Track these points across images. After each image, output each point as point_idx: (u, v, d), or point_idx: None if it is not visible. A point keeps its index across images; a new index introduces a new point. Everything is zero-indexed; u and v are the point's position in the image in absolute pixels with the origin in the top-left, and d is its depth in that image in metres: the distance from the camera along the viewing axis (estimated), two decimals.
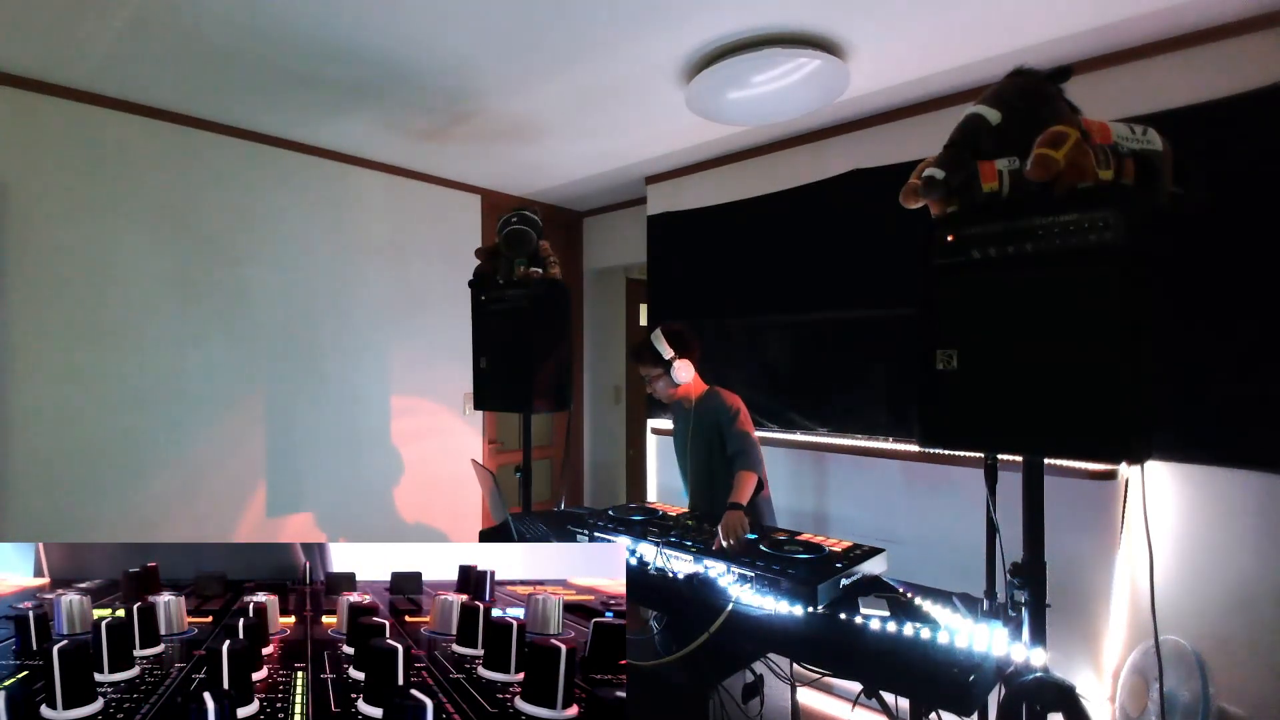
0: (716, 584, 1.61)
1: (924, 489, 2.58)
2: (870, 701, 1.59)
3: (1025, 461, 1.38)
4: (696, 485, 2.47)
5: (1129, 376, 1.17)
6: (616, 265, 4.44)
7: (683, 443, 2.51)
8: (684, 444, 2.50)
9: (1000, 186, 1.29)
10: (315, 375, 3.12)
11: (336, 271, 3.20)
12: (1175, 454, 2.06)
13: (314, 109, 2.65)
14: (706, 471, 2.38)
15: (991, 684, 1.32)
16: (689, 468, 2.49)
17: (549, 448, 4.31)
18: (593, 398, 4.57)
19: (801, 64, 2.15)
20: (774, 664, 1.86)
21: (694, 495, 2.49)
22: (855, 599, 1.52)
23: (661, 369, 2.36)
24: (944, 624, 1.41)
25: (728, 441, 2.27)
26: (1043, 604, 1.36)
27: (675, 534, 1.88)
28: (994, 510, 1.49)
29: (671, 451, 3.72)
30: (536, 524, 2.24)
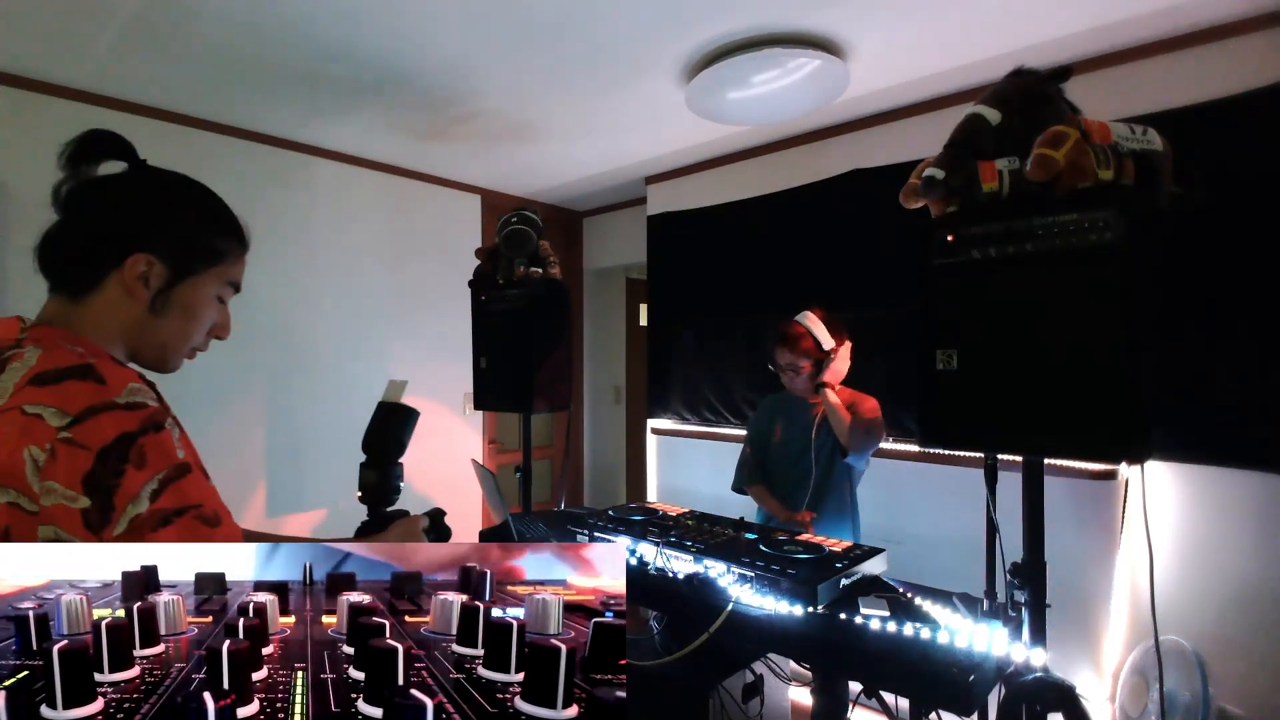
0: (716, 584, 1.61)
1: (924, 489, 2.58)
2: (870, 701, 1.59)
3: (1025, 461, 1.38)
4: (794, 486, 2.23)
5: (1129, 376, 1.17)
6: (616, 265, 4.44)
7: (796, 440, 2.22)
8: (797, 441, 2.21)
9: (1000, 186, 1.29)
10: (315, 375, 3.12)
11: (336, 271, 3.20)
12: (1175, 454, 2.06)
13: (314, 109, 2.65)
14: (811, 475, 2.17)
15: (991, 684, 1.32)
16: (792, 467, 2.24)
17: (549, 448, 4.31)
18: (593, 398, 4.57)
19: (801, 64, 2.15)
20: (774, 664, 1.86)
21: (787, 495, 2.24)
22: (855, 599, 1.52)
23: (814, 359, 2.13)
24: (944, 624, 1.41)
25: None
26: (1043, 604, 1.36)
27: (675, 534, 1.88)
28: (994, 510, 1.49)
29: (672, 452, 3.75)
30: (536, 524, 2.24)
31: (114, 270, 0.80)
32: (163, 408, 0.74)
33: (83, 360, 0.71)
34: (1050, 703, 1.31)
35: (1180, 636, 1.98)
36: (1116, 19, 1.99)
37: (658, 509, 2.22)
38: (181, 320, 0.86)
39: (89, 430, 0.67)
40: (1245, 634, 1.95)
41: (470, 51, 2.19)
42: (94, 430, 0.67)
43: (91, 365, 0.71)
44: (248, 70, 2.30)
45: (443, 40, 2.11)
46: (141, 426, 0.69)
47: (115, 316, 0.81)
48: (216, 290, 0.89)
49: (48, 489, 0.65)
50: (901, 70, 2.36)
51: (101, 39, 2.08)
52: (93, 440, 0.66)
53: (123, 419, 0.68)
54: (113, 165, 0.86)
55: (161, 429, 0.71)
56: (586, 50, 2.18)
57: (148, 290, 0.81)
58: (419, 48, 2.15)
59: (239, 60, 2.23)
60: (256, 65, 2.27)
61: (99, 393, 0.69)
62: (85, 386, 0.69)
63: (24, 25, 2.01)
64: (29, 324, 0.80)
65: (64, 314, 0.81)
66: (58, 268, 0.82)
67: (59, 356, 0.72)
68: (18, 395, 0.69)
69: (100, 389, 0.69)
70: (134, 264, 0.80)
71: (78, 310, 0.81)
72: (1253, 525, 1.95)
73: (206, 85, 2.43)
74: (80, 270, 0.81)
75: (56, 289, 0.83)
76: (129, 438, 0.68)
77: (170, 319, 0.84)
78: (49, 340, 0.75)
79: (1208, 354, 1.99)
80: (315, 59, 2.22)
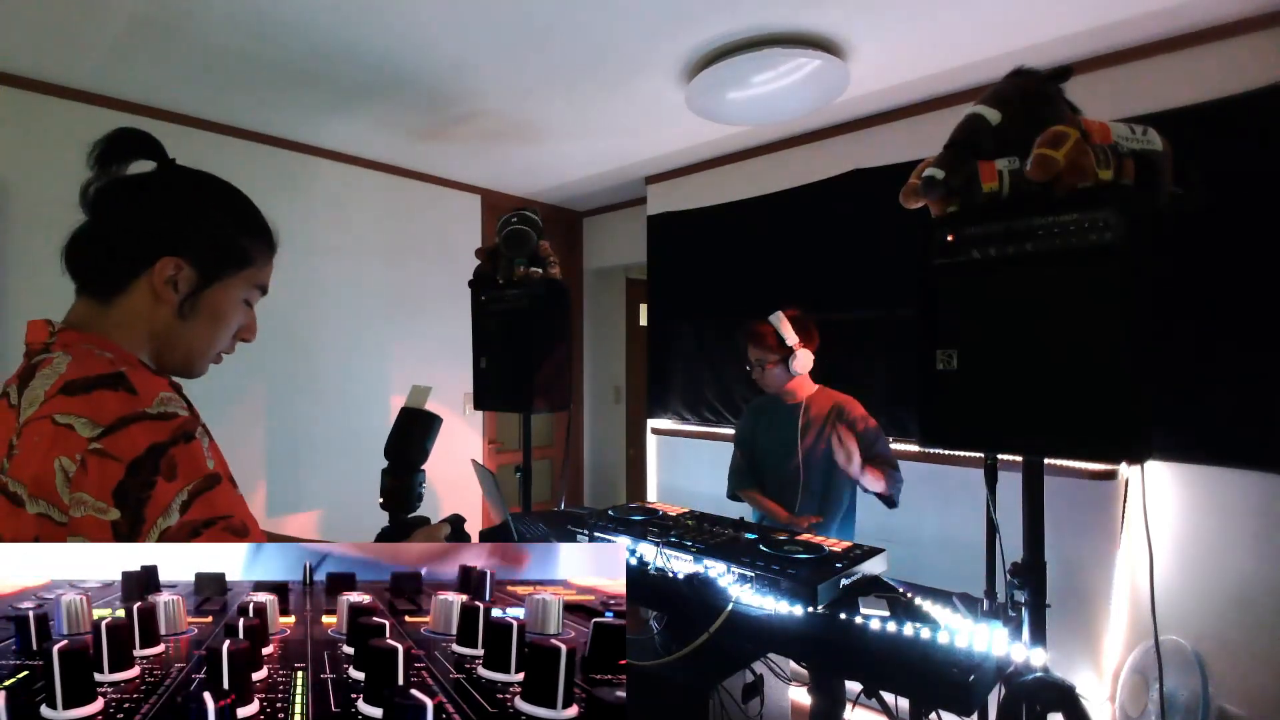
0: (716, 584, 1.61)
1: (924, 489, 2.58)
2: (870, 701, 1.59)
3: (1025, 461, 1.38)
4: (783, 487, 2.28)
5: (1129, 376, 1.17)
6: (616, 265, 4.44)
7: (780, 440, 2.30)
8: (781, 442, 2.29)
9: (1000, 186, 1.29)
10: (315, 375, 3.12)
11: (336, 271, 3.20)
12: (1175, 454, 2.06)
13: (314, 109, 2.65)
14: (800, 475, 2.23)
15: (991, 684, 1.32)
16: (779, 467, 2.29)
17: (549, 448, 4.31)
18: (593, 398, 4.57)
19: (801, 64, 2.15)
20: (774, 664, 1.86)
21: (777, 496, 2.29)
22: (855, 599, 1.52)
23: (779, 356, 2.22)
24: (944, 624, 1.41)
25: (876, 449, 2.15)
26: (1043, 604, 1.36)
27: (675, 534, 1.87)
28: (994, 510, 1.49)
29: (672, 452, 3.75)
30: (536, 524, 2.24)
31: (143, 273, 0.79)
32: (193, 416, 0.73)
33: (114, 368, 0.70)
34: (1050, 703, 1.31)
35: (1180, 636, 1.98)
36: (1116, 19, 1.99)
37: (658, 509, 2.21)
38: (209, 325, 0.85)
39: (120, 441, 0.66)
40: (1245, 634, 1.95)
41: (470, 51, 2.19)
42: (125, 441, 0.66)
43: (123, 374, 0.70)
44: (248, 70, 2.30)
45: (443, 40, 2.11)
46: (172, 437, 0.68)
47: (143, 320, 0.80)
48: (244, 294, 0.88)
49: (78, 500, 0.64)
50: (901, 70, 2.36)
51: (101, 39, 2.08)
52: (124, 452, 0.66)
53: (154, 429, 0.68)
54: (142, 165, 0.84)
55: (192, 439, 0.70)
56: (586, 50, 2.18)
57: (176, 294, 0.80)
58: (419, 48, 2.15)
59: (239, 60, 2.23)
60: (256, 65, 2.27)
61: (130, 403, 0.68)
62: (117, 396, 0.68)
63: (24, 25, 2.01)
64: (57, 328, 0.78)
65: (92, 317, 0.79)
66: (85, 269, 0.80)
67: (89, 364, 0.71)
68: (49, 404, 0.68)
69: (131, 399, 0.68)
70: (163, 267, 0.78)
71: (106, 313, 0.79)
72: (1253, 525, 1.95)
73: (206, 85, 2.43)
74: (108, 272, 0.79)
75: (84, 291, 0.81)
76: (159, 448, 0.67)
77: (198, 324, 0.83)
78: (78, 346, 0.74)
79: (1208, 354, 1.99)
80: (315, 59, 2.22)
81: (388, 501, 1.08)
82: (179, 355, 0.84)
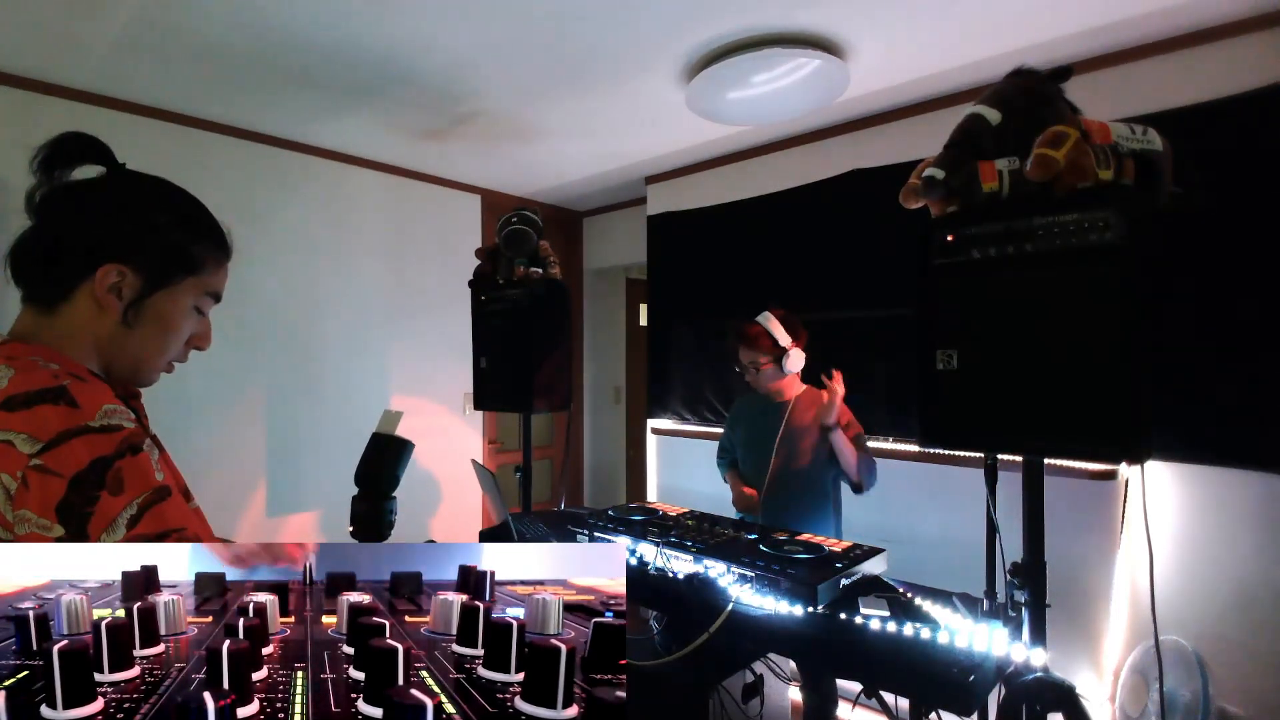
0: (716, 584, 1.61)
1: (924, 489, 2.58)
2: (870, 701, 1.59)
3: (1025, 461, 1.38)
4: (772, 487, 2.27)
5: (1129, 376, 1.17)
6: (616, 265, 4.44)
7: (765, 439, 2.30)
8: (767, 441, 2.29)
9: (1000, 186, 1.29)
10: (315, 375, 3.12)
11: (336, 271, 3.20)
12: (1175, 454, 2.06)
13: (314, 109, 2.65)
14: (787, 474, 2.24)
15: (991, 684, 1.32)
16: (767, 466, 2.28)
17: (549, 448, 4.31)
18: (593, 398, 4.57)
19: (801, 64, 2.16)
20: (774, 664, 1.86)
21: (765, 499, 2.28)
22: (855, 599, 1.52)
23: (772, 356, 2.24)
24: (944, 624, 1.41)
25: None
26: (1043, 604, 1.36)
27: (675, 534, 1.87)
28: (994, 510, 1.49)
29: (672, 452, 3.75)
30: (536, 524, 2.24)
31: (85, 281, 0.76)
32: (140, 429, 0.72)
33: (56, 382, 0.69)
34: (1050, 703, 1.31)
35: (1180, 636, 1.98)
36: (1116, 19, 1.99)
37: (658, 509, 2.21)
38: (157, 333, 0.82)
39: (61, 456, 0.65)
40: (1245, 634, 1.95)
41: (470, 51, 2.19)
42: (66, 456, 0.65)
43: (65, 388, 0.68)
44: (248, 70, 2.30)
45: (443, 40, 2.11)
46: (118, 450, 0.67)
47: (87, 329, 0.78)
48: (194, 301, 0.85)
49: (21, 518, 0.64)
50: (901, 70, 2.36)
51: (101, 39, 2.08)
52: (65, 467, 0.64)
53: (97, 443, 0.66)
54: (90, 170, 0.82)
55: (139, 451, 0.69)
56: (587, 50, 2.18)
57: (120, 302, 0.78)
58: (419, 48, 2.15)
59: (239, 60, 2.23)
60: (256, 65, 2.27)
61: (72, 417, 0.66)
62: (57, 410, 0.66)
63: (24, 25, 2.01)
64: (2, 339, 0.76)
65: (37, 327, 0.77)
66: (29, 278, 0.78)
67: (31, 378, 0.69)
68: None
69: (73, 413, 0.67)
70: (105, 274, 0.76)
71: (50, 322, 0.77)
72: (1253, 525, 1.95)
73: (206, 85, 2.43)
74: (51, 280, 0.77)
75: (29, 300, 0.78)
76: (104, 462, 0.66)
77: (144, 331, 0.81)
78: (22, 358, 0.72)
79: (1208, 354, 1.99)
80: (315, 59, 2.22)
81: (358, 528, 1.05)
82: (127, 364, 0.82)
